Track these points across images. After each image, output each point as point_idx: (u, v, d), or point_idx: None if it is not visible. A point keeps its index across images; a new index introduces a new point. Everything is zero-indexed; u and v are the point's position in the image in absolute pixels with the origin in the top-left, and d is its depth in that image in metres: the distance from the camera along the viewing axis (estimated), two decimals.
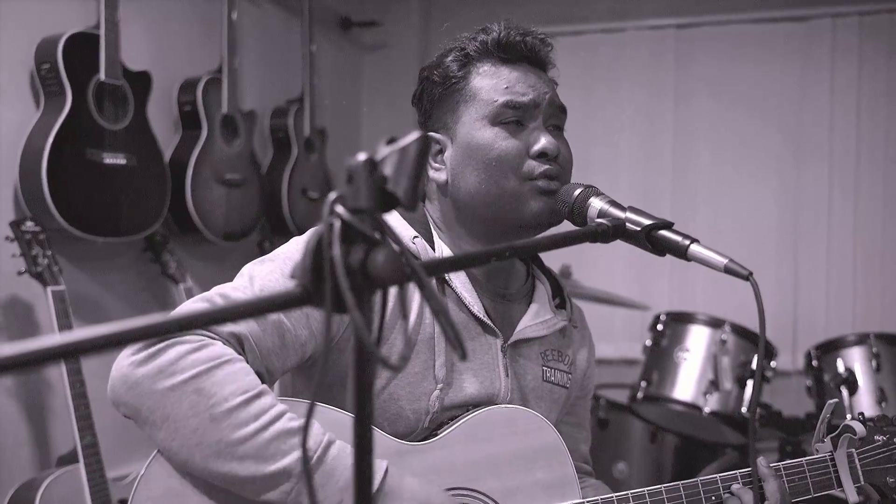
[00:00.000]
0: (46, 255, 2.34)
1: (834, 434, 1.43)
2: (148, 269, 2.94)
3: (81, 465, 2.28)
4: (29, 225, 2.35)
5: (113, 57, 2.57)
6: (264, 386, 1.19)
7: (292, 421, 1.17)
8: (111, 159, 2.57)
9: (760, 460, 1.37)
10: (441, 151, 1.42)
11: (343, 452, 1.18)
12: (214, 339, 1.19)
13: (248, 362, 1.22)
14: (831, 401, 1.42)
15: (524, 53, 1.41)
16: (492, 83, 1.38)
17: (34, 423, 2.55)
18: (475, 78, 1.39)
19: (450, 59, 1.42)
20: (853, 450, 1.42)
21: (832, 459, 1.41)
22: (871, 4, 3.81)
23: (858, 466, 1.41)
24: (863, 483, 1.41)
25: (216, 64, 3.16)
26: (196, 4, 3.24)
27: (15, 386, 2.49)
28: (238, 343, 1.21)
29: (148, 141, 2.74)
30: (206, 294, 1.25)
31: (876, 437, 1.43)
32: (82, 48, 2.52)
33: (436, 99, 1.43)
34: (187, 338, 1.17)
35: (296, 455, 1.14)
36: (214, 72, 3.12)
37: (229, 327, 1.20)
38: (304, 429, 0.71)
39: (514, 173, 1.35)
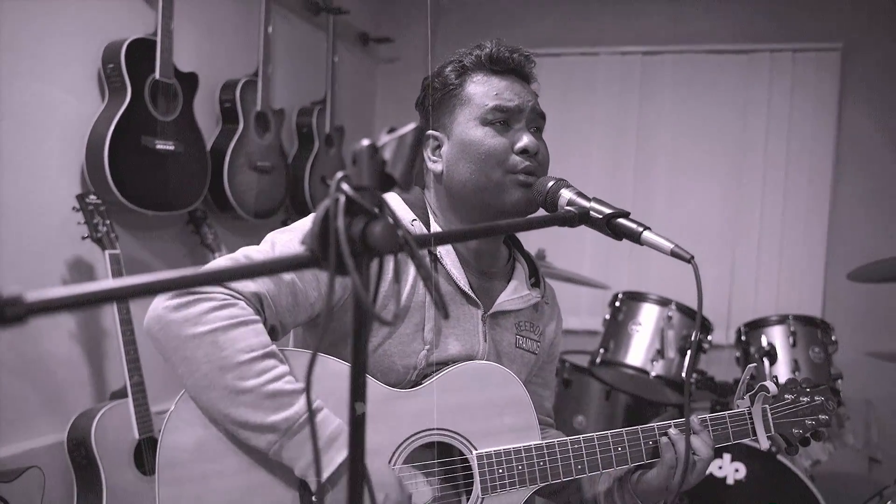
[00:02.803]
0: (105, 223, 2.34)
1: (752, 392, 1.44)
2: (189, 239, 2.95)
3: (130, 399, 2.29)
4: (92, 198, 2.35)
5: (167, 59, 2.57)
6: (272, 347, 1.17)
7: (289, 384, 1.15)
8: (162, 145, 2.57)
9: (693, 416, 1.39)
10: (439, 146, 1.41)
11: (327, 420, 1.17)
12: (238, 298, 1.18)
13: (265, 318, 1.21)
14: (750, 365, 1.43)
15: (512, 67, 1.40)
16: (483, 90, 1.38)
17: (92, 363, 2.56)
18: (470, 85, 1.39)
19: (448, 69, 1.42)
20: (767, 406, 1.43)
21: (749, 413, 1.42)
22: (802, 43, 3.81)
23: (770, 419, 1.42)
24: (773, 433, 1.43)
25: (253, 69, 3.15)
26: (238, 18, 3.22)
27: (77, 331, 2.50)
28: (258, 301, 1.21)
29: (193, 131, 2.73)
30: (233, 254, 1.25)
31: (786, 396, 1.45)
32: (141, 51, 2.51)
33: (436, 102, 1.42)
34: (216, 294, 1.16)
35: (283, 414, 1.13)
36: (251, 75, 3.11)
37: (252, 287, 1.20)
38: (307, 383, 0.71)
39: (499, 166, 1.34)
